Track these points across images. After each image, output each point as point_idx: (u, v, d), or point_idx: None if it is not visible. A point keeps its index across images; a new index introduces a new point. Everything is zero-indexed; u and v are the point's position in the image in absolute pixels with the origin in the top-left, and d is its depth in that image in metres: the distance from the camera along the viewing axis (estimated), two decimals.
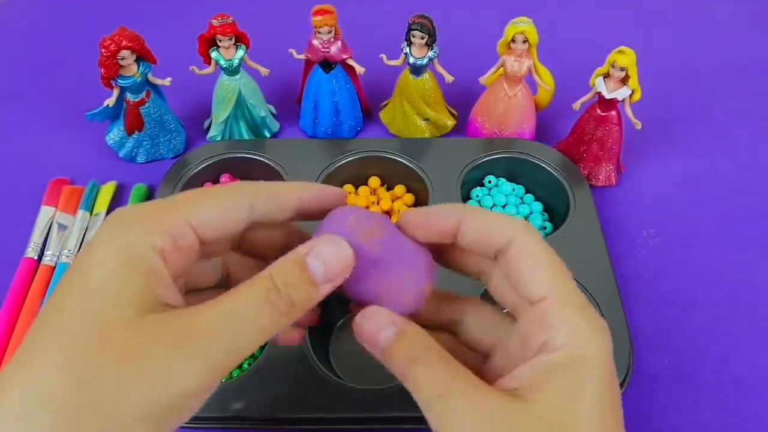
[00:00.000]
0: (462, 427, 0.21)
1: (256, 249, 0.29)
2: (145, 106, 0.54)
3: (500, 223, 0.25)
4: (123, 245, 0.21)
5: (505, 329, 0.26)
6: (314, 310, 0.26)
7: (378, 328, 0.24)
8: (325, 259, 0.23)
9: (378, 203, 0.53)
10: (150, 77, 0.53)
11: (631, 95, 0.50)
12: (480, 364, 0.27)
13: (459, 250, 0.27)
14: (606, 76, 0.51)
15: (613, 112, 0.52)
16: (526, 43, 0.51)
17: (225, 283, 0.29)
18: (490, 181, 0.54)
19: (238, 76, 0.55)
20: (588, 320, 0.23)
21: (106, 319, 0.20)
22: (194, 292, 0.27)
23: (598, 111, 0.52)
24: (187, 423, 0.42)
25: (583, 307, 0.23)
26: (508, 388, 0.23)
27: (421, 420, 0.39)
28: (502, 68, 0.54)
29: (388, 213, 0.53)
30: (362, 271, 0.24)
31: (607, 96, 0.51)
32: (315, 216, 0.27)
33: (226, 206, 0.24)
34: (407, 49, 0.53)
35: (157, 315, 0.21)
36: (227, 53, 0.53)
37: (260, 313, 0.22)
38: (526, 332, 0.24)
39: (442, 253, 0.27)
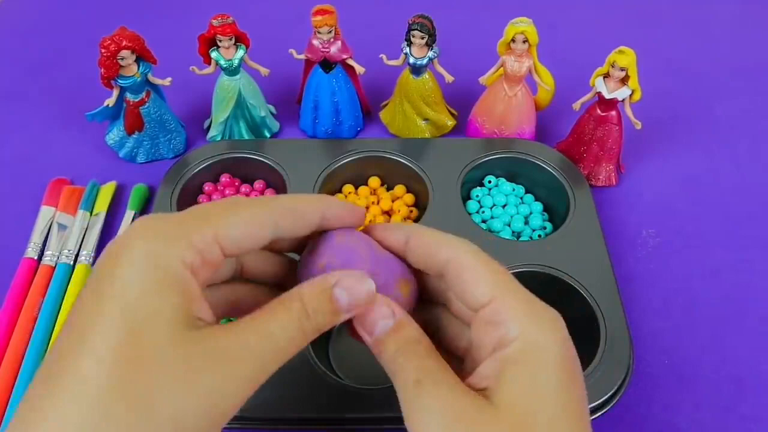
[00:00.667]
0: (429, 416, 0.22)
1: (274, 246, 0.29)
2: (145, 106, 0.54)
3: (441, 242, 0.26)
4: (157, 260, 0.22)
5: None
6: None
7: (379, 317, 0.25)
8: (351, 293, 0.25)
9: (378, 203, 0.53)
10: (150, 77, 0.53)
11: (631, 95, 0.50)
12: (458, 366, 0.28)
13: (421, 274, 0.28)
14: (606, 76, 0.51)
15: (613, 112, 0.52)
16: (526, 43, 0.51)
17: (240, 276, 0.29)
18: (490, 181, 0.54)
19: (238, 76, 0.55)
20: (537, 311, 0.24)
21: (148, 335, 0.20)
22: (210, 288, 0.28)
23: (598, 111, 0.52)
24: None
25: (531, 300, 0.25)
26: (479, 388, 0.24)
27: None
28: (502, 68, 0.54)
29: (388, 213, 0.53)
30: None
31: (607, 96, 0.51)
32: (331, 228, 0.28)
33: (253, 224, 0.24)
34: (407, 49, 0.53)
35: (197, 332, 0.21)
36: (227, 53, 0.53)
37: (294, 337, 0.23)
38: (479, 336, 0.25)
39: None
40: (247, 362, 0.22)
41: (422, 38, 0.52)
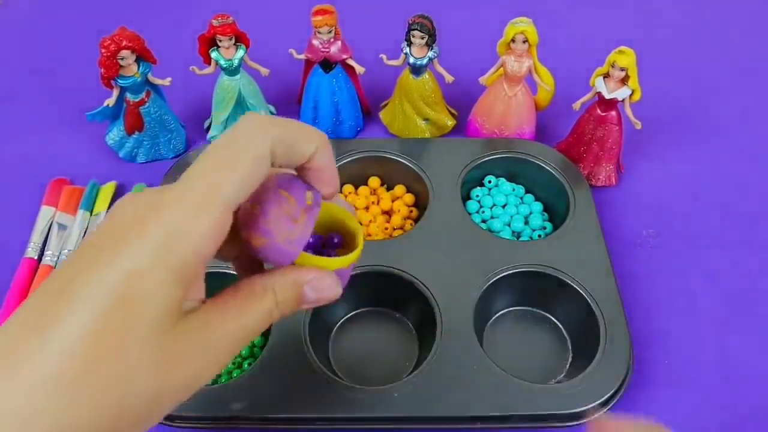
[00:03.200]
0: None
1: None
2: (145, 106, 0.54)
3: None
4: (172, 245, 0.21)
5: None
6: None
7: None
8: (320, 294, 0.27)
9: (378, 203, 0.53)
10: (150, 77, 0.53)
11: (631, 95, 0.50)
12: None
13: None
14: (606, 76, 0.51)
15: (613, 112, 0.52)
16: (526, 43, 0.51)
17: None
18: (490, 181, 0.54)
19: (238, 76, 0.55)
20: None
21: (138, 317, 0.21)
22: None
23: (598, 111, 0.52)
24: (187, 423, 0.42)
25: None
26: None
27: (421, 420, 0.39)
28: (502, 68, 0.54)
29: (388, 213, 0.53)
30: None
31: (607, 96, 0.51)
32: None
33: (252, 169, 0.23)
34: (407, 49, 0.53)
35: (181, 325, 0.22)
36: (227, 53, 0.53)
37: (263, 324, 0.26)
38: None
39: None
40: (224, 351, 0.24)
41: (422, 38, 0.52)
